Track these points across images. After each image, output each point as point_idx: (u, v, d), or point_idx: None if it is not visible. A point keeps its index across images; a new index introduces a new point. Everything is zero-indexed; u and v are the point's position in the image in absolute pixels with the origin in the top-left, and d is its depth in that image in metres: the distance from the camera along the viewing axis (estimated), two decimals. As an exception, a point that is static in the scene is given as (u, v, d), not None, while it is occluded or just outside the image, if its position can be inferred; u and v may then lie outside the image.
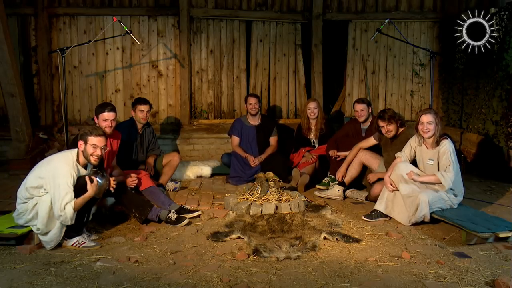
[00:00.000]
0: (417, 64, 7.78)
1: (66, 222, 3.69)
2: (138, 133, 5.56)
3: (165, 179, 5.55)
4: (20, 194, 3.81)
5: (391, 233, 4.06)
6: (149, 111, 5.60)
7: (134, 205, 4.36)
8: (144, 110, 5.51)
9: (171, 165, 5.57)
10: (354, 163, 5.27)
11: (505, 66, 5.80)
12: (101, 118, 4.52)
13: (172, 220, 4.33)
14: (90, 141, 3.78)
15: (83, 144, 3.80)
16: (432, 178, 4.32)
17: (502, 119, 5.92)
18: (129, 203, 4.37)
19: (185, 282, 3.11)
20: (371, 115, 5.74)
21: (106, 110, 4.52)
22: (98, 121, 4.55)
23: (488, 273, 3.25)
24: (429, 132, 4.33)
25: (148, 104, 5.57)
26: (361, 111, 5.67)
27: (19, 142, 6.37)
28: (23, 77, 7.23)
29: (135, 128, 5.54)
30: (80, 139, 3.83)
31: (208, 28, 7.57)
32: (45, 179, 3.69)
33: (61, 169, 3.69)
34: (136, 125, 5.55)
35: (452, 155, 4.27)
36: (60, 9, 7.33)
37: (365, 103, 5.69)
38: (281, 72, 7.77)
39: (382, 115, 4.93)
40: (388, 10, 7.65)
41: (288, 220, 4.32)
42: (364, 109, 5.67)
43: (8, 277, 3.18)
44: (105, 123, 4.51)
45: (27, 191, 3.75)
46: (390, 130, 4.91)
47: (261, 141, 6.20)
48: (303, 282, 3.10)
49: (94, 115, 4.64)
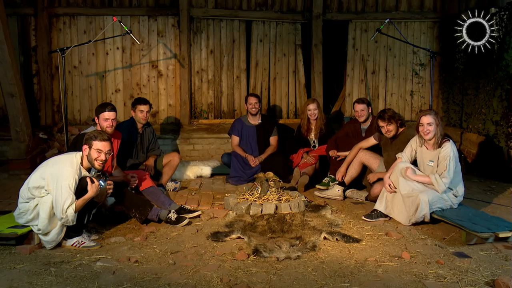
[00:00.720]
0: (417, 64, 7.78)
1: (68, 223, 3.71)
2: (138, 133, 5.56)
3: (165, 179, 5.55)
4: (23, 193, 3.81)
5: (391, 233, 4.06)
6: (149, 111, 5.60)
7: (134, 205, 4.36)
8: (144, 110, 5.50)
9: (171, 165, 5.57)
10: (354, 163, 5.27)
11: (505, 66, 5.80)
12: (102, 117, 4.53)
13: (172, 220, 4.33)
14: (94, 145, 3.78)
15: (87, 149, 3.80)
16: (426, 179, 4.33)
17: (502, 119, 5.92)
18: (129, 203, 4.36)
19: (185, 282, 3.11)
20: (371, 115, 5.73)
21: (106, 109, 4.54)
22: (99, 121, 4.54)
23: (488, 273, 3.25)
24: (429, 134, 4.32)
25: (148, 104, 5.56)
26: (361, 111, 5.66)
27: (19, 142, 6.37)
28: (23, 77, 7.23)
29: (135, 128, 5.54)
30: (84, 143, 3.82)
31: (208, 28, 7.57)
32: (48, 180, 3.69)
33: (65, 172, 3.69)
34: (136, 125, 5.55)
35: (451, 161, 4.25)
36: (60, 9, 7.33)
37: (365, 103, 5.69)
38: (281, 72, 7.77)
39: (382, 115, 4.93)
40: (388, 10, 7.65)
41: (288, 220, 4.32)
42: (364, 109, 5.66)
43: (8, 277, 3.18)
44: (106, 123, 4.52)
45: (29, 191, 3.75)
46: (390, 130, 4.91)
47: (261, 141, 6.20)
48: (303, 282, 3.10)
49: (95, 115, 4.64)
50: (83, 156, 3.83)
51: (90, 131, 4.01)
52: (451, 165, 4.25)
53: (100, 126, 4.54)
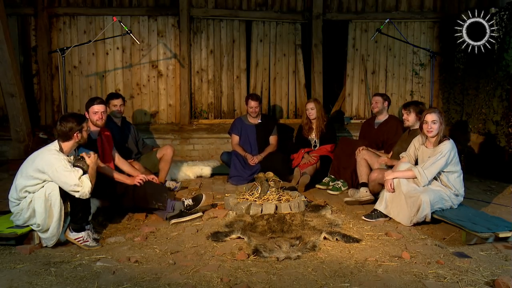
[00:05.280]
0: (417, 64, 7.78)
1: (84, 194, 3.75)
2: (117, 126, 5.64)
3: (163, 175, 5.59)
4: (12, 197, 3.84)
5: (391, 233, 4.05)
6: (123, 104, 5.69)
7: (151, 197, 4.43)
8: (117, 104, 5.60)
9: (166, 160, 5.61)
10: (362, 163, 5.21)
11: (505, 66, 5.80)
12: (91, 111, 4.65)
13: (190, 204, 4.52)
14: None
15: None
16: (409, 173, 4.35)
17: (502, 119, 5.92)
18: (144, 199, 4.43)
19: (185, 282, 3.11)
20: (386, 111, 5.87)
21: (95, 103, 4.67)
22: (89, 115, 4.65)
23: (488, 273, 3.25)
24: (433, 132, 4.35)
25: (120, 97, 5.67)
26: (375, 103, 5.84)
27: (19, 142, 6.37)
28: (23, 77, 7.23)
29: (113, 122, 5.61)
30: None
31: (208, 28, 7.57)
32: (38, 175, 3.71)
33: (51, 158, 3.74)
34: (113, 119, 5.63)
35: (442, 157, 4.25)
36: (60, 9, 7.33)
37: (382, 96, 5.87)
38: (281, 72, 7.77)
39: (405, 103, 5.20)
40: (388, 10, 7.65)
41: (288, 220, 4.32)
42: (378, 101, 5.83)
43: (8, 277, 3.18)
44: (96, 116, 4.64)
45: (20, 193, 3.76)
46: (406, 119, 5.07)
47: (261, 140, 6.21)
48: (303, 282, 3.10)
49: (85, 110, 4.71)
50: (60, 144, 3.88)
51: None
52: (440, 161, 4.26)
53: (90, 119, 4.61)
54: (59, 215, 3.75)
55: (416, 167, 4.35)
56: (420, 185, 4.29)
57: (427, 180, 4.28)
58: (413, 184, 4.35)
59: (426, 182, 4.28)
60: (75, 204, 3.83)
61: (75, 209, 3.85)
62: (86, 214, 3.95)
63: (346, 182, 5.56)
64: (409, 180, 4.36)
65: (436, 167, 4.27)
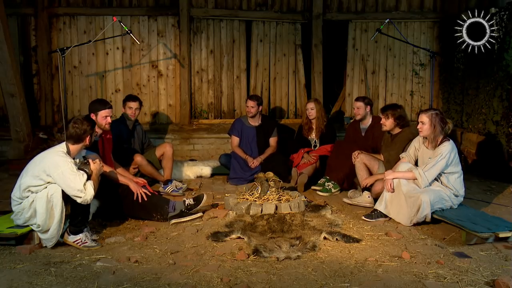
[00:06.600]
0: (417, 64, 7.78)
1: (86, 200, 3.76)
2: (128, 130, 5.65)
3: (168, 173, 5.62)
4: (15, 196, 3.83)
5: (391, 233, 4.05)
6: (139, 108, 5.69)
7: (152, 209, 4.43)
8: (133, 107, 5.60)
9: (167, 157, 5.63)
10: (361, 167, 5.13)
11: (505, 66, 5.80)
12: (101, 114, 4.61)
13: (191, 203, 4.49)
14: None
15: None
16: (409, 175, 4.35)
17: (502, 119, 5.92)
18: (145, 211, 4.44)
19: (185, 282, 3.11)
20: (370, 115, 5.71)
21: (106, 107, 4.65)
22: (97, 118, 4.57)
23: (488, 273, 3.25)
24: (422, 132, 4.40)
25: (137, 101, 5.67)
26: (357, 109, 5.65)
27: (19, 142, 6.37)
28: (23, 77, 7.23)
29: (124, 124, 5.62)
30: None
31: (208, 28, 7.57)
32: (43, 176, 3.70)
33: (59, 160, 3.73)
34: (126, 122, 5.63)
35: (442, 159, 4.23)
36: (60, 9, 7.33)
37: (363, 101, 5.64)
38: (281, 72, 7.77)
39: (383, 107, 5.08)
40: (388, 10, 7.65)
41: (288, 220, 4.32)
42: (360, 106, 5.62)
43: (8, 277, 3.18)
44: (105, 120, 4.63)
45: (23, 192, 3.75)
46: (384, 124, 4.99)
47: (261, 141, 6.19)
48: (303, 282, 3.10)
49: (91, 112, 4.64)
50: (68, 146, 3.87)
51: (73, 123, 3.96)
52: (440, 163, 4.25)
53: (98, 123, 4.55)
54: (60, 217, 3.74)
55: (416, 169, 4.34)
56: (421, 186, 4.29)
57: (427, 182, 4.28)
58: (413, 184, 4.35)
59: (426, 184, 4.28)
60: (75, 207, 3.82)
61: (75, 212, 3.84)
62: (85, 218, 3.94)
63: (338, 184, 5.53)
64: (409, 180, 4.36)
65: (437, 169, 4.27)
